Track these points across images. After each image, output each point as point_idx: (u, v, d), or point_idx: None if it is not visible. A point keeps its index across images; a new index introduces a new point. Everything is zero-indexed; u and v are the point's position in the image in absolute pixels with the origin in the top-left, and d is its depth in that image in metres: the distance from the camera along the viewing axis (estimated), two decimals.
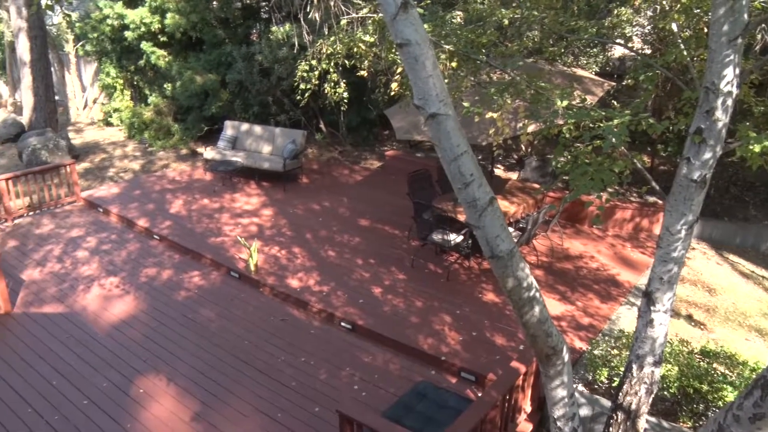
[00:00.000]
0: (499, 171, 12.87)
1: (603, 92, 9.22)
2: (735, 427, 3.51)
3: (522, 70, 6.23)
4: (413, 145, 14.88)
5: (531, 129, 6.46)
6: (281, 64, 13.86)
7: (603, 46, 12.37)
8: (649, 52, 10.97)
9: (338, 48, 7.54)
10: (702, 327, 7.59)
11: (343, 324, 7.77)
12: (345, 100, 9.08)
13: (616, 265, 9.22)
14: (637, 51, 9.07)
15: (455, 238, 8.75)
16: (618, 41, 8.44)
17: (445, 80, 4.07)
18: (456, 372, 6.75)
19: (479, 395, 6.10)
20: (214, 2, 15.29)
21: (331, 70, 8.13)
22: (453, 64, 6.49)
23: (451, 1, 10.97)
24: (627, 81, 9.14)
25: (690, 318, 7.79)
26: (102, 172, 14.55)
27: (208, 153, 13.67)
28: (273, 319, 8.00)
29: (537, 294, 4.02)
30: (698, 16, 5.80)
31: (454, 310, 7.92)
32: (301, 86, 8.42)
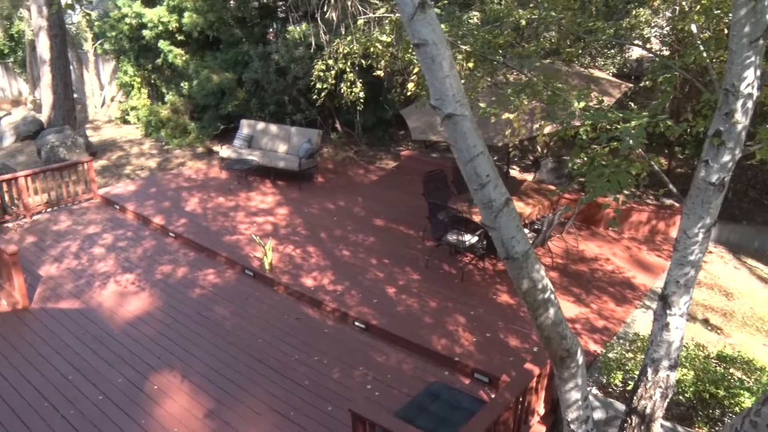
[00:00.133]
0: (515, 172, 12.83)
1: (620, 94, 9.16)
2: None
3: (539, 71, 6.20)
4: (429, 146, 14.86)
5: (547, 130, 6.44)
6: (297, 64, 13.89)
7: (620, 48, 12.28)
8: (668, 54, 10.88)
9: (355, 48, 7.55)
10: (719, 331, 7.52)
11: (357, 323, 7.78)
12: (361, 100, 9.09)
13: (632, 268, 9.15)
14: (656, 52, 9.00)
15: (470, 239, 8.73)
16: (636, 42, 8.39)
17: (462, 81, 4.06)
18: (469, 373, 6.73)
19: (492, 396, 6.09)
20: (232, 1, 15.37)
21: (348, 70, 8.14)
22: (470, 65, 6.47)
23: (468, 2, 10.95)
24: (645, 82, 9.08)
25: (706, 322, 7.71)
26: (119, 170, 14.67)
27: (224, 151, 13.75)
28: (287, 318, 8.02)
29: (552, 296, 4.00)
30: (718, 17, 5.75)
31: (468, 311, 7.90)
32: (318, 85, 8.43)
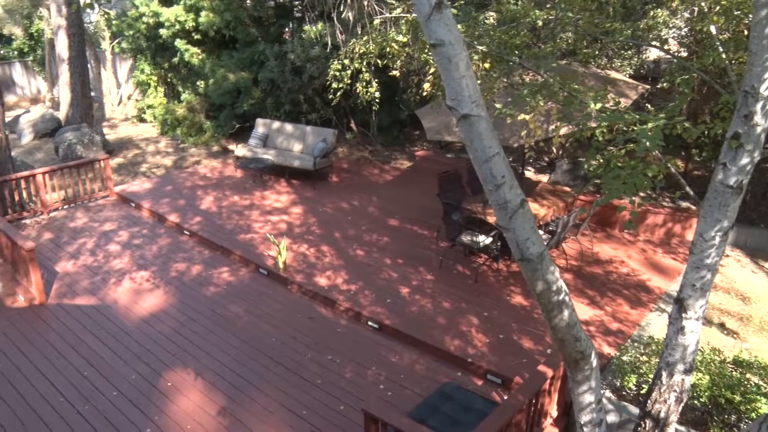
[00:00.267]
0: (530, 173, 12.77)
1: (637, 95, 9.10)
2: None
3: (555, 72, 6.17)
4: (444, 146, 14.84)
5: (563, 131, 6.41)
6: (313, 63, 13.92)
7: (638, 49, 12.20)
8: (686, 55, 10.79)
9: (371, 47, 7.55)
10: (735, 336, 7.45)
11: (370, 323, 7.79)
12: (376, 100, 9.09)
13: (647, 271, 9.09)
14: (673, 53, 8.93)
15: (484, 240, 8.71)
16: (654, 43, 8.33)
17: (478, 81, 4.05)
18: (482, 374, 6.72)
19: (505, 398, 6.07)
20: (248, 1, 15.43)
21: (364, 70, 8.15)
22: (486, 65, 6.46)
23: (485, 2, 10.92)
24: (662, 84, 9.00)
25: (723, 326, 7.65)
26: (135, 168, 14.79)
27: (240, 150, 13.81)
28: (300, 317, 8.04)
29: (566, 298, 3.98)
30: (738, 18, 5.68)
31: (482, 312, 7.88)
32: (333, 85, 8.44)
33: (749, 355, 6.35)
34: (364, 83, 8.44)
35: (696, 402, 5.72)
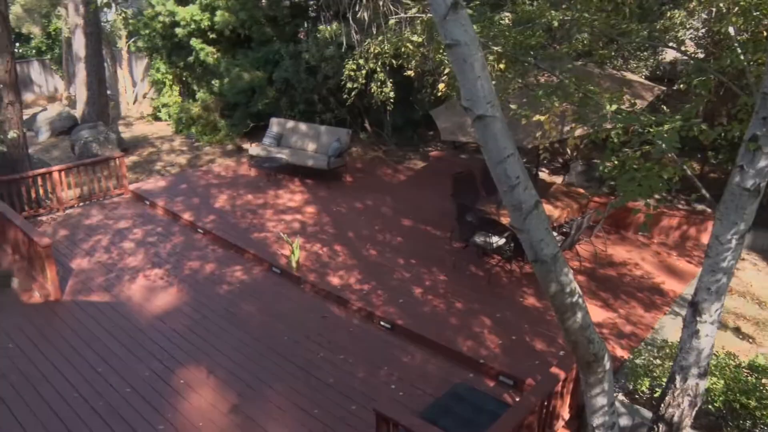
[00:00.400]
0: (544, 174, 12.72)
1: (653, 97, 9.04)
2: None
3: (571, 73, 6.14)
4: (458, 147, 14.81)
5: (578, 133, 6.37)
6: (328, 63, 13.94)
7: (654, 50, 12.11)
8: (703, 56, 10.70)
9: (386, 47, 7.56)
10: (751, 340, 7.38)
11: (383, 323, 7.79)
12: (391, 100, 9.09)
13: (661, 274, 9.02)
14: (691, 55, 8.86)
15: (498, 241, 8.68)
16: (670, 44, 8.27)
17: (493, 82, 4.03)
18: (494, 375, 6.70)
19: (517, 400, 6.05)
20: (263, 0, 15.47)
21: (378, 70, 8.15)
22: (501, 66, 6.44)
23: (500, 2, 10.88)
24: (679, 85, 8.92)
25: (738, 330, 7.58)
26: (150, 166, 14.88)
27: (254, 149, 13.85)
28: (313, 316, 8.06)
29: (580, 300, 3.96)
30: (757, 19, 5.63)
31: (495, 313, 7.86)
32: (348, 85, 8.46)
33: (765, 360, 6.28)
34: (379, 83, 8.45)
35: (710, 407, 5.67)
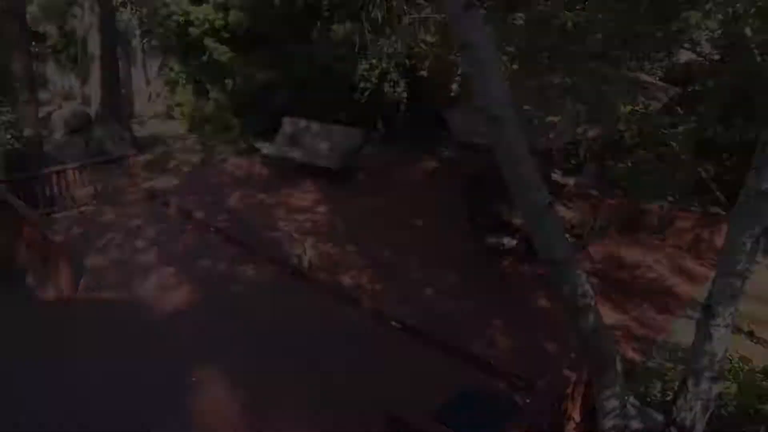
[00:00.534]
0: (557, 176, 12.66)
1: (667, 98, 8.98)
2: None
3: (584, 74, 6.12)
4: (471, 147, 14.75)
5: (592, 134, 6.35)
6: (341, 63, 13.94)
7: (669, 51, 12.02)
8: (719, 58, 10.61)
9: (399, 48, 7.55)
10: (765, 345, 7.31)
11: (394, 323, 7.78)
12: (404, 100, 9.08)
13: (674, 276, 8.95)
14: (706, 56, 8.79)
15: (510, 242, 8.66)
16: (686, 46, 8.20)
17: (506, 82, 4.03)
18: (505, 376, 6.68)
19: (528, 401, 6.03)
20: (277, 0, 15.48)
21: (392, 70, 8.15)
22: (515, 67, 6.42)
23: (513, 3, 10.85)
24: (694, 87, 8.84)
25: (752, 335, 7.50)
26: (163, 164, 14.93)
27: (267, 148, 13.88)
28: (324, 315, 8.06)
29: (591, 302, 3.95)
30: None
31: (506, 315, 7.84)
32: (361, 85, 8.45)
33: None
34: (392, 83, 8.44)
35: (723, 411, 5.62)
